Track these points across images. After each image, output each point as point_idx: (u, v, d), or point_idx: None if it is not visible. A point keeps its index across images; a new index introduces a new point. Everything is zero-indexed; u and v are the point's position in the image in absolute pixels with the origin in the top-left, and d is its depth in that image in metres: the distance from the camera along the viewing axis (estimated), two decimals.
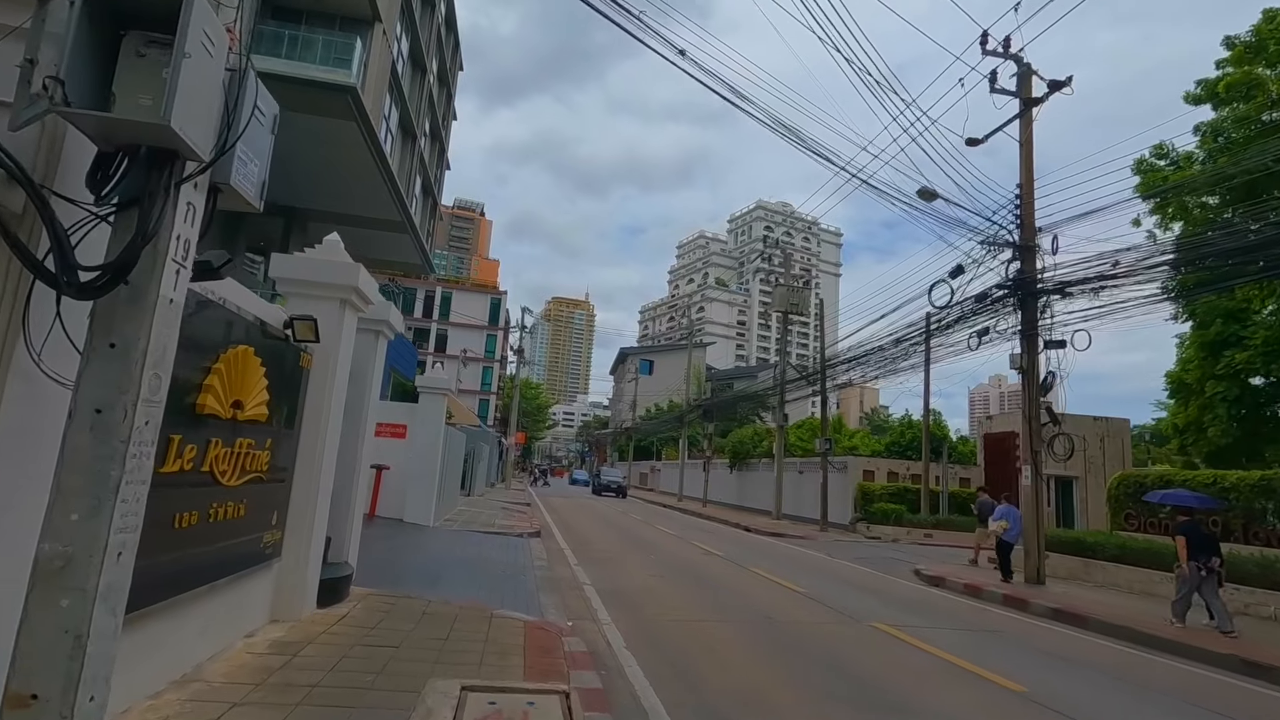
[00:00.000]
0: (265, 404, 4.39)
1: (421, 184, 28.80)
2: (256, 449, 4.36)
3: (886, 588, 11.44)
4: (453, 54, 32.71)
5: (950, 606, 10.05)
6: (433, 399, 13.84)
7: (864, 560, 15.36)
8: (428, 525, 13.14)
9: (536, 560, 10.97)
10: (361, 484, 6.97)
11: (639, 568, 11.43)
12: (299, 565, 5.31)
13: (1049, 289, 12.35)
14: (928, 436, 21.61)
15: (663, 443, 54.31)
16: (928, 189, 12.53)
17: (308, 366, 5.32)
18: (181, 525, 3.56)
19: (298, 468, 5.28)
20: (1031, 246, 12.76)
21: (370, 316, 6.82)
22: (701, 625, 7.40)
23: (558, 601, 7.96)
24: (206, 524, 3.82)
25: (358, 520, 6.96)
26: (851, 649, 6.86)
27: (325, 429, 5.49)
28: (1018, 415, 21.85)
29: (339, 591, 6.11)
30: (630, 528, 19.47)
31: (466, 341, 53.54)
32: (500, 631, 5.68)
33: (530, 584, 8.71)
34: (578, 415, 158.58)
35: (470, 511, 17.86)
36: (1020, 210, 13.04)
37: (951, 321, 14.36)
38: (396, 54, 21.71)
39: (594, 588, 9.16)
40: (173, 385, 3.37)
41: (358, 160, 20.17)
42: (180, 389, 3.45)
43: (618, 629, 6.86)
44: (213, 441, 3.78)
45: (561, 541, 14.47)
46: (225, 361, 3.81)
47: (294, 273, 5.58)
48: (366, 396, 6.89)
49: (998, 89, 13.14)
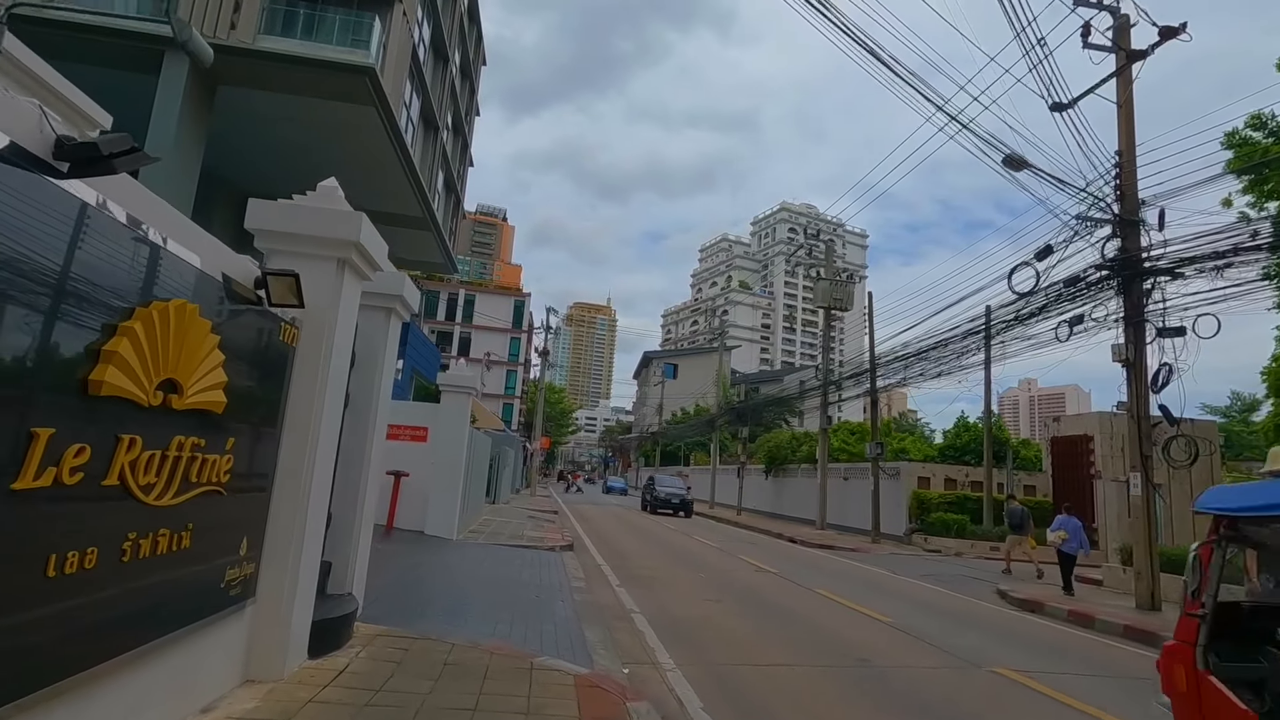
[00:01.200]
0: (222, 388, 3.10)
1: (444, 179, 27.83)
2: (209, 451, 3.07)
3: (978, 614, 9.86)
4: (475, 47, 31.80)
5: (1068, 642, 8.44)
6: (456, 398, 12.59)
7: (934, 578, 13.73)
8: (451, 538, 11.87)
9: (573, 580, 9.63)
10: (370, 494, 5.69)
11: (690, 589, 10.01)
12: (282, 606, 4.01)
13: (1160, 268, 10.67)
14: (989, 440, 19.82)
15: (690, 448, 52.75)
16: (1014, 156, 10.96)
17: (293, 343, 4.04)
18: (66, 570, 2.27)
19: (280, 476, 4.00)
20: (1135, 220, 11.11)
21: (379, 289, 5.55)
22: (788, 674, 5.96)
23: (605, 637, 6.59)
24: (116, 565, 2.53)
25: (364, 539, 5.67)
26: (989, 710, 5.36)
27: (319, 425, 4.20)
28: (1092, 417, 19.98)
29: (339, 633, 4.82)
30: (667, 539, 18.04)
31: (490, 344, 52.65)
32: (544, 692, 4.32)
33: (569, 612, 7.36)
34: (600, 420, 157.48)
35: (497, 521, 16.60)
36: (1119, 181, 11.40)
37: (1037, 309, 12.70)
38: (418, 39, 20.71)
39: (644, 617, 7.78)
40: (35, 346, 2.10)
41: (377, 151, 19.15)
42: (50, 353, 2.16)
43: (686, 679, 5.46)
44: (125, 441, 2.49)
45: (596, 555, 13.11)
46: (144, 320, 2.51)
47: (276, 223, 4.31)
48: (375, 386, 5.61)
49: (1091, 44, 11.55)
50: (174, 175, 14.13)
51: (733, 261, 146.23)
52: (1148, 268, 10.72)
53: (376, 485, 5.92)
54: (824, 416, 23.35)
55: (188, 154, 15.22)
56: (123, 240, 2.45)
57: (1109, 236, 11.35)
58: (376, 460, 5.80)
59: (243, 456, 3.44)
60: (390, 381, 6.04)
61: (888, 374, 19.34)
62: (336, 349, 4.38)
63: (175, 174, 14.30)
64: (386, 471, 11.74)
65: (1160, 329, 10.48)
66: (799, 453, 29.45)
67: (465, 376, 12.80)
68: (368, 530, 5.75)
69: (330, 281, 4.35)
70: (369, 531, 5.80)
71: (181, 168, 14.80)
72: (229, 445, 3.28)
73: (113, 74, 15.04)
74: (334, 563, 5.34)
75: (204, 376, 2.96)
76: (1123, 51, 11.19)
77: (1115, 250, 11.17)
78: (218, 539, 3.32)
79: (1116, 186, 11.34)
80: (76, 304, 2.24)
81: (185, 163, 15.03)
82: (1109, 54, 11.54)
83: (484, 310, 55.54)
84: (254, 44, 15.44)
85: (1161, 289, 10.71)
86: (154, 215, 2.67)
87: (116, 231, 2.41)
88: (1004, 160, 11.07)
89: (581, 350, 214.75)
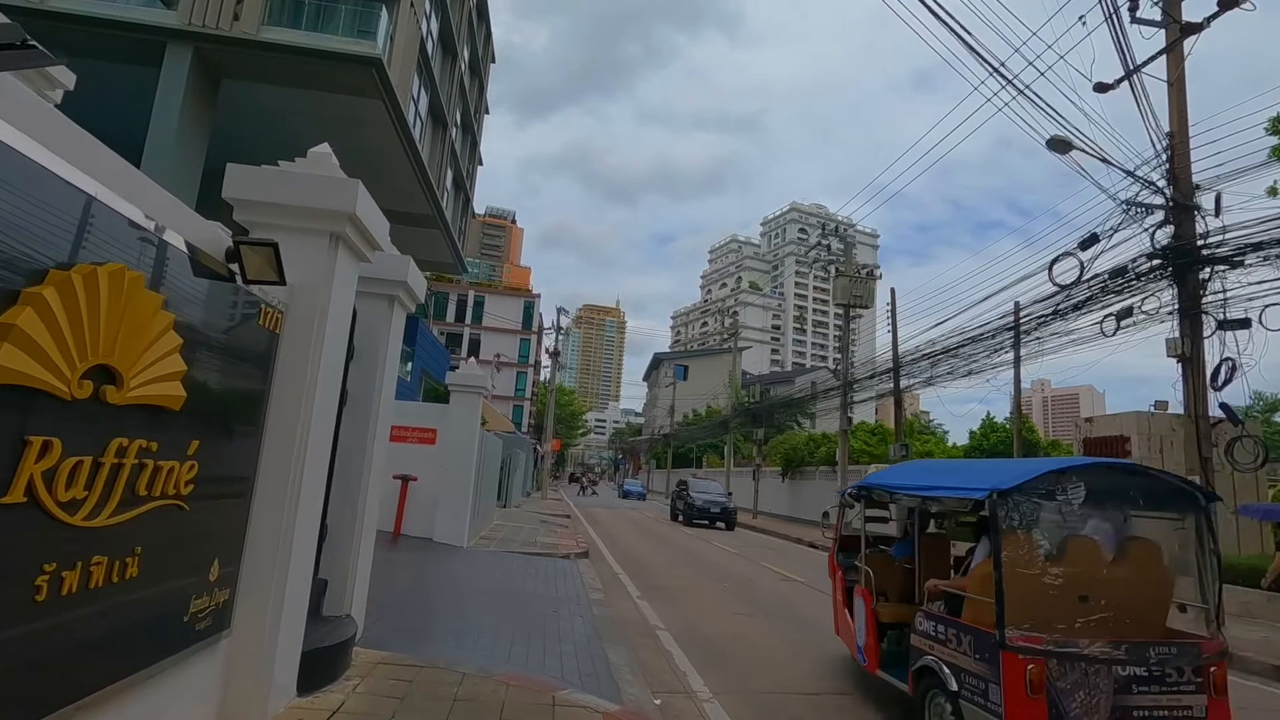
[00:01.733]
0: (180, 379, 2.52)
1: (453, 177, 27.37)
2: (163, 456, 2.49)
3: None
4: (484, 44, 31.37)
5: None
6: (465, 398, 12.02)
7: None
8: (461, 546, 11.29)
9: (591, 591, 9.02)
10: (371, 502, 5.11)
11: (715, 601, 9.38)
12: (264, 638, 3.42)
13: (1219, 256, 9.92)
14: (1019, 441, 18.99)
15: (702, 450, 52.03)
16: (1060, 137, 10.25)
17: (277, 329, 3.46)
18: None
19: (262, 485, 3.42)
20: (1190, 205, 10.36)
21: (380, 274, 4.97)
22: (838, 703, 5.31)
23: (630, 659, 5.98)
24: (27, 606, 1.94)
25: (365, 553, 5.09)
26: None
27: (309, 425, 3.62)
28: (1129, 417, 19.11)
29: (335, 664, 4.23)
30: (684, 544, 17.38)
31: (500, 346, 52.21)
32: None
33: (590, 629, 6.75)
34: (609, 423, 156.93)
35: (508, 527, 16.02)
36: (1171, 163, 10.66)
37: (1080, 303, 11.96)
38: (426, 32, 20.24)
39: (670, 634, 7.15)
40: None
41: (385, 146, 18.70)
42: None
43: (726, 712, 4.83)
44: (34, 444, 1.90)
45: (613, 564, 12.49)
46: (60, 287, 1.93)
47: (258, 192, 3.74)
48: (376, 383, 5.02)
49: (1140, 19, 10.82)
50: (176, 171, 13.69)
51: (742, 262, 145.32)
52: (1206, 255, 9.97)
53: (379, 492, 5.33)
54: (844, 417, 22.61)
55: (190, 150, 14.79)
56: (32, 182, 1.86)
57: (1160, 223, 10.62)
58: (379, 464, 5.22)
59: (211, 462, 2.85)
60: (394, 377, 5.47)
61: (914, 373, 18.58)
62: (329, 337, 3.80)
63: (177, 170, 13.86)
64: (393, 475, 11.18)
65: (1221, 321, 9.73)
66: (817, 454, 28.70)
67: (475, 375, 12.22)
68: (368, 543, 5.17)
69: (321, 259, 3.77)
70: (370, 544, 5.22)
71: (184, 164, 14.36)
72: (192, 449, 2.69)
73: (113, 68, 14.65)
74: (330, 580, 4.76)
75: (154, 364, 2.37)
76: (1175, 24, 10.46)
77: (1168, 237, 10.43)
78: (178, 563, 2.73)
79: (1168, 170, 10.61)
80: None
81: (188, 158, 14.60)
82: (1159, 29, 10.82)
83: (493, 311, 55.13)
84: (258, 35, 14.99)
85: (1221, 278, 9.96)
86: (82, 156, 2.08)
87: (18, 168, 1.82)
88: (1048, 142, 10.37)
89: (591, 353, 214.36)
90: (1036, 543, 3.92)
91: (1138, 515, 4.29)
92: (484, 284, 62.45)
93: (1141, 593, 4.06)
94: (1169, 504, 4.32)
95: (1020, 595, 3.77)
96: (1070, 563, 3.92)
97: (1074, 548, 3.98)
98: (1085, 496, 3.99)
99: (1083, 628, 3.79)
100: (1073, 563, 3.92)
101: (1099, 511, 4.12)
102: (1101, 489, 4.07)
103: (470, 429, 11.96)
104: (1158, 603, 4.14)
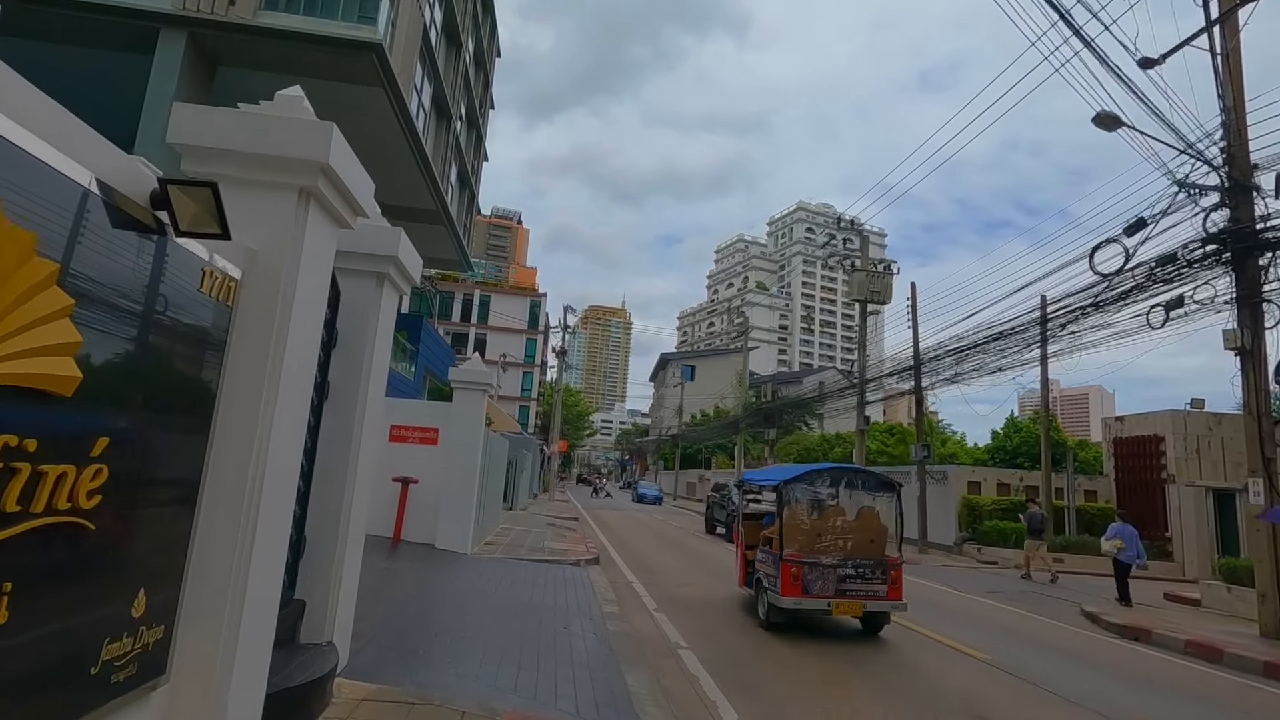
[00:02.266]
0: (71, 353, 1.86)
1: (458, 172, 26.78)
2: (48, 459, 1.83)
3: (1079, 646, 8.41)
4: (490, 37, 30.78)
5: (1210, 686, 6.98)
6: (469, 396, 11.36)
7: (1005, 597, 12.26)
8: (464, 553, 10.63)
9: (604, 602, 8.35)
10: (358, 511, 4.46)
11: (738, 614, 8.67)
12: (214, 682, 2.77)
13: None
14: (1047, 441, 18.21)
15: (711, 450, 51.26)
16: (1108, 114, 9.53)
17: (229, 301, 2.80)
18: None
19: (210, 492, 2.76)
20: (1248, 186, 9.61)
21: (366, 248, 4.32)
22: None
23: (651, 684, 5.31)
24: None
25: (350, 569, 4.44)
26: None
27: (271, 418, 2.97)
28: (1163, 417, 18.29)
29: (309, 703, 3.57)
30: (697, 548, 16.68)
31: (506, 345, 51.61)
32: None
33: (605, 649, 6.08)
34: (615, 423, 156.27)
35: (514, 531, 15.38)
36: (1226, 142, 9.92)
37: (1126, 291, 11.20)
38: (429, 21, 19.65)
39: (694, 653, 6.47)
40: None
41: (388, 138, 18.08)
42: None
43: None
44: None
45: (625, 570, 11.81)
46: None
47: (211, 137, 3.10)
48: (363, 373, 4.37)
49: None
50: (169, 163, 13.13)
51: (749, 262, 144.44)
52: (1269, 239, 9.21)
53: (366, 498, 4.68)
54: (860, 417, 21.85)
55: None
56: None
57: (1215, 206, 9.87)
58: (366, 466, 4.57)
59: (129, 465, 2.20)
60: (384, 367, 4.81)
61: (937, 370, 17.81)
62: (299, 313, 3.14)
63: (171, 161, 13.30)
64: (393, 478, 10.55)
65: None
66: (830, 455, 27.92)
67: (479, 372, 11.56)
68: (354, 557, 4.51)
69: (288, 219, 3.12)
70: (356, 558, 4.56)
71: (178, 155, 13.79)
72: (97, 449, 2.03)
73: (105, 55, 14.12)
74: (309, 601, 4.12)
75: (25, 331, 1.72)
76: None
77: (1225, 220, 9.68)
78: (81, 599, 2.08)
79: (1223, 149, 9.86)
80: None
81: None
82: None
83: (499, 310, 54.54)
84: (254, 20, 14.44)
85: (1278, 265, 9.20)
86: None
87: None
88: (1094, 119, 9.63)
89: (597, 353, 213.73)
90: (799, 507, 7.80)
91: (868, 493, 8.09)
92: (490, 283, 61.84)
93: (865, 535, 7.70)
94: (882, 489, 8.13)
95: (790, 534, 7.51)
96: (821, 518, 7.73)
97: (825, 510, 7.82)
98: (829, 483, 7.88)
99: (821, 550, 7.42)
100: (823, 518, 7.73)
101: (840, 491, 7.91)
102: (841, 479, 7.96)
103: (475, 428, 11.31)
104: (877, 539, 7.75)
